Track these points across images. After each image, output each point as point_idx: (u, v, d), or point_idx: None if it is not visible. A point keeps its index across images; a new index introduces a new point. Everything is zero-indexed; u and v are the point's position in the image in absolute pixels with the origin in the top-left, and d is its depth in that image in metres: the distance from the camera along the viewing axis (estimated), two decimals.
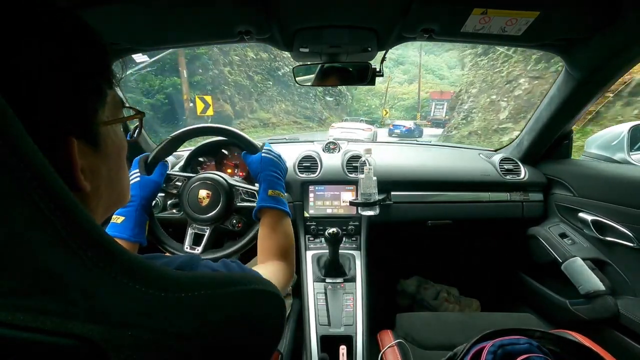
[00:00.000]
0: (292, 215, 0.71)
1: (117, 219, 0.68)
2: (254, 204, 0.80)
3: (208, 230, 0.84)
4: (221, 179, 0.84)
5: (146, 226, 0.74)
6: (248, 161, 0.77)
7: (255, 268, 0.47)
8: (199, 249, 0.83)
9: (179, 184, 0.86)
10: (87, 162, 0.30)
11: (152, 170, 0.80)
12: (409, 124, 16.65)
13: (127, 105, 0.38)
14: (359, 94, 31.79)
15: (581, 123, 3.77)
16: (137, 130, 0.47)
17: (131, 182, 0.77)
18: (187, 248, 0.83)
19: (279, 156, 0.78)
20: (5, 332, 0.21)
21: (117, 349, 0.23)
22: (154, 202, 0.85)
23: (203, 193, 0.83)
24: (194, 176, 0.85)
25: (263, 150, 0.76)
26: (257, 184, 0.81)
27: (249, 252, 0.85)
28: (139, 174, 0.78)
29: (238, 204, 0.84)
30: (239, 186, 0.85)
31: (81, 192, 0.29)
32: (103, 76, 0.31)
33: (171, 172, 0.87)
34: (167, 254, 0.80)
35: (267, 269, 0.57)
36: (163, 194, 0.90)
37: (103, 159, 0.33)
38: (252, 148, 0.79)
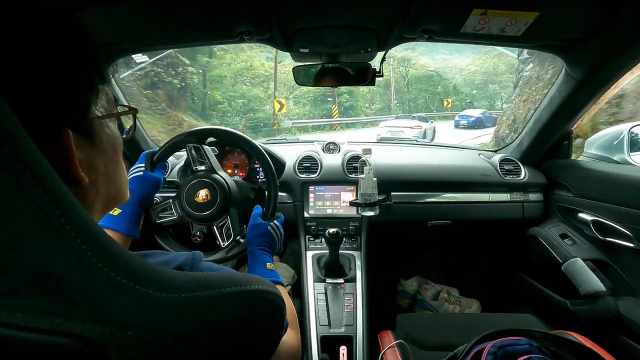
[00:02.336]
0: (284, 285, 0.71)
1: (114, 210, 0.69)
2: (223, 243, 0.82)
3: (207, 229, 0.84)
4: (218, 176, 0.84)
5: (141, 221, 0.74)
6: (252, 223, 0.76)
7: None
8: (231, 240, 0.82)
9: (174, 209, 0.86)
10: (84, 155, 0.31)
11: (156, 166, 0.81)
12: (478, 112, 14.31)
13: (120, 102, 0.38)
14: (219, 75, 15.01)
15: None
16: (131, 128, 0.46)
17: (133, 175, 0.77)
18: (223, 244, 0.82)
19: (282, 235, 0.79)
20: (5, 332, 0.21)
21: (118, 349, 0.23)
22: (154, 201, 0.85)
23: (201, 192, 0.82)
24: (179, 190, 0.84)
25: (272, 224, 0.76)
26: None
27: (244, 258, 0.85)
28: (143, 169, 0.78)
29: (215, 227, 0.83)
30: (228, 221, 0.83)
31: (79, 185, 0.30)
32: (94, 70, 0.32)
33: (160, 206, 0.86)
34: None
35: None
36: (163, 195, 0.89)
37: (99, 153, 0.33)
38: (271, 211, 0.81)
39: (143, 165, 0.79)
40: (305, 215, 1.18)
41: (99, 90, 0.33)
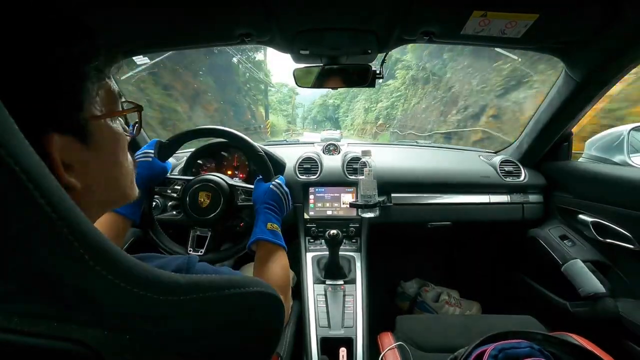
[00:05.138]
0: (287, 250, 0.72)
1: None
2: (190, 250, 0.82)
3: (210, 233, 0.84)
4: (221, 180, 0.84)
5: (142, 205, 0.75)
6: (255, 185, 0.78)
7: None
8: (201, 251, 0.82)
9: (178, 187, 0.86)
10: (76, 158, 0.29)
11: (164, 156, 0.82)
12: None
13: (124, 99, 0.37)
14: None
15: None
16: (136, 126, 0.43)
17: (140, 159, 0.77)
18: (190, 251, 0.82)
19: (287, 194, 0.78)
20: (3, 336, 0.21)
21: (115, 353, 0.23)
22: (154, 203, 0.85)
23: (203, 195, 0.82)
24: (192, 179, 0.85)
25: (273, 183, 0.76)
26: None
27: (244, 258, 0.85)
28: (152, 155, 0.78)
29: (239, 204, 0.84)
30: (238, 186, 0.85)
31: (71, 191, 0.28)
32: (88, 70, 0.30)
33: (170, 176, 0.87)
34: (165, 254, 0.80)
35: None
36: (162, 197, 0.89)
37: (94, 155, 0.31)
38: (266, 175, 0.80)
39: (152, 151, 0.79)
40: (305, 216, 1.18)
41: (96, 87, 0.31)
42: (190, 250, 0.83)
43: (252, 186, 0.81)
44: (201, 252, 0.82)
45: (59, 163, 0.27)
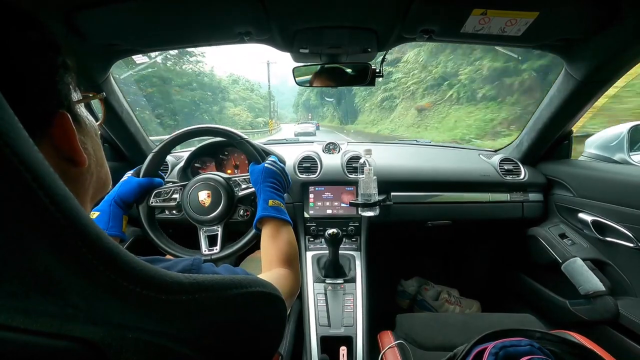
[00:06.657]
0: (292, 224, 0.73)
1: (93, 214, 0.71)
2: (204, 249, 0.83)
3: (220, 229, 0.84)
4: (216, 176, 0.84)
5: (123, 221, 0.75)
6: (250, 170, 0.79)
7: (259, 276, 0.48)
8: (216, 249, 0.83)
9: (177, 196, 0.86)
10: (78, 136, 0.32)
11: (147, 172, 0.84)
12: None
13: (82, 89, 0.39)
14: None
15: None
16: (103, 114, 0.51)
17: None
18: (205, 251, 0.83)
19: (283, 169, 0.79)
20: (5, 334, 0.21)
21: (117, 351, 0.23)
22: (153, 202, 0.85)
23: (203, 195, 0.82)
24: (187, 183, 0.86)
25: (267, 162, 0.77)
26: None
27: (243, 254, 0.85)
28: (130, 175, 0.82)
29: (240, 194, 0.84)
30: (235, 177, 0.86)
31: (81, 166, 0.31)
32: (62, 57, 0.32)
33: (163, 188, 0.87)
34: (169, 256, 0.80)
35: (272, 276, 0.56)
36: (163, 200, 0.89)
37: (87, 136, 0.35)
38: (257, 158, 0.81)
39: (131, 172, 0.84)
40: (305, 215, 1.18)
41: (70, 73, 0.34)
42: (205, 251, 0.83)
43: (248, 174, 0.82)
44: (216, 249, 0.82)
45: (76, 136, 0.30)
